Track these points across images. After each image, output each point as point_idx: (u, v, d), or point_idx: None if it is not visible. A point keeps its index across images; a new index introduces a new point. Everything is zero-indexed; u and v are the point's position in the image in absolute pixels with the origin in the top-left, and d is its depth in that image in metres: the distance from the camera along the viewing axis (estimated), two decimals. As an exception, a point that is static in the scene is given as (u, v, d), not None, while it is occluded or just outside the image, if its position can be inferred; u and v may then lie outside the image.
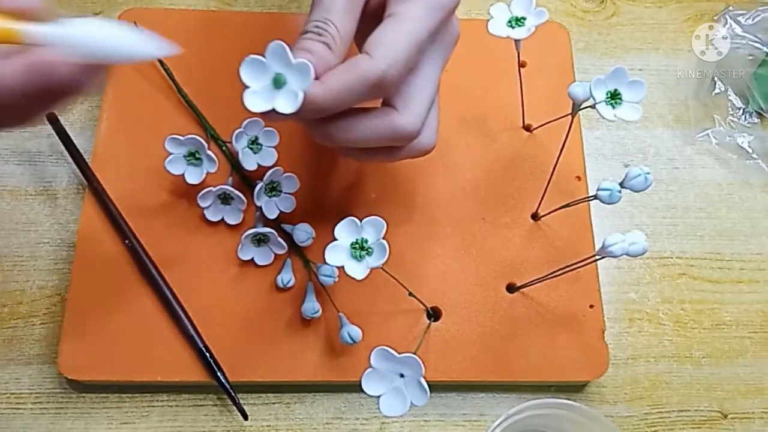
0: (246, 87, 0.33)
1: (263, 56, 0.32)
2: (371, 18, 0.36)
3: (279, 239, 0.44)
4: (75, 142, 0.48)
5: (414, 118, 0.36)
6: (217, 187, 0.45)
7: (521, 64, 0.46)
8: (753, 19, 0.54)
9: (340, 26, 0.34)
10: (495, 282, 0.46)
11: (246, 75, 0.33)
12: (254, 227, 0.44)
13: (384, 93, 0.35)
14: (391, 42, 0.34)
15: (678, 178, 0.53)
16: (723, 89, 0.54)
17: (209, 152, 0.44)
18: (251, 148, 0.46)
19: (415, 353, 0.33)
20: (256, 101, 0.32)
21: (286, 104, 0.32)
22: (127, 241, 0.45)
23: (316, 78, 0.33)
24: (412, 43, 0.34)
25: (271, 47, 0.32)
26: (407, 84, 0.36)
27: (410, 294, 0.42)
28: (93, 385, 0.44)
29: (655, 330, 0.48)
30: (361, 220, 0.34)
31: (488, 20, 0.42)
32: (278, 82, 0.32)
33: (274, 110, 0.32)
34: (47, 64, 0.27)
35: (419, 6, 0.35)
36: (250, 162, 0.45)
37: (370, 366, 0.34)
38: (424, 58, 0.36)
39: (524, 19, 0.41)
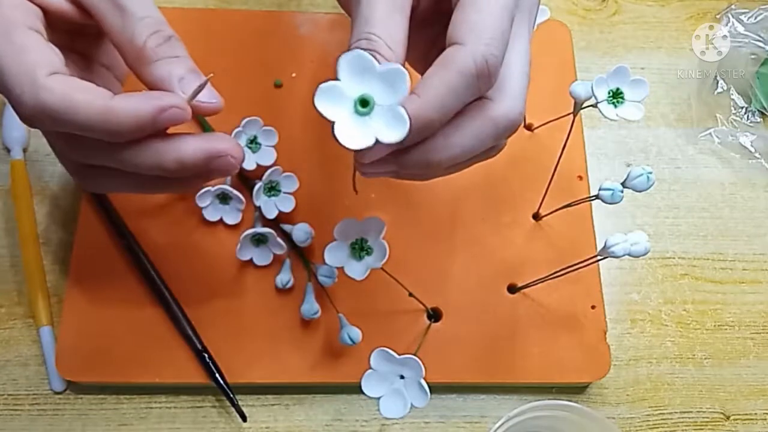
0: (332, 123, 0.26)
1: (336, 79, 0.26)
2: (426, 22, 0.32)
3: (278, 239, 0.44)
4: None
5: (514, 101, 0.30)
6: (216, 187, 0.45)
7: (522, 63, 0.46)
8: (755, 18, 0.54)
9: (386, 37, 0.28)
10: (496, 282, 0.46)
11: (324, 106, 0.26)
12: (253, 227, 0.44)
13: (490, 83, 0.28)
14: (479, 21, 0.28)
15: (680, 177, 0.53)
16: (725, 88, 0.54)
17: (208, 152, 0.44)
18: (250, 148, 0.45)
19: (415, 354, 0.33)
20: (353, 137, 0.26)
21: (391, 129, 0.26)
22: (124, 242, 0.45)
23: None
24: (502, 15, 0.28)
25: (393, 69, 0.26)
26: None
27: (410, 294, 0.42)
28: (91, 386, 0.44)
29: (658, 331, 0.48)
30: (361, 221, 0.33)
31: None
32: (365, 104, 0.26)
33: (377, 142, 0.26)
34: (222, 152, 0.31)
35: None
36: (248, 161, 0.45)
37: (370, 367, 0.34)
38: (513, 28, 0.30)
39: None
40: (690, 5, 0.58)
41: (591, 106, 0.39)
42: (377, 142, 0.26)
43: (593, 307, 0.46)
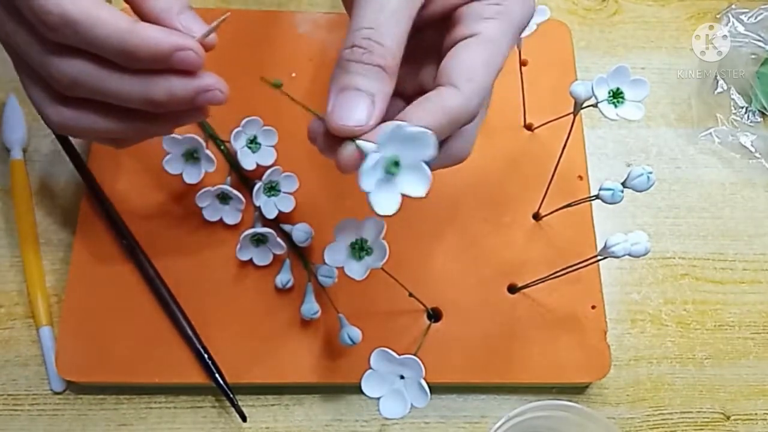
0: (368, 193, 0.27)
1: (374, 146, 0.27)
2: (428, 26, 0.33)
3: (278, 239, 0.44)
4: (72, 141, 0.48)
5: (470, 142, 0.34)
6: (216, 187, 0.45)
7: (522, 63, 0.46)
8: (755, 18, 0.54)
9: (395, 35, 0.29)
10: (496, 282, 0.46)
11: (383, 139, 0.27)
12: (253, 227, 0.44)
13: (466, 124, 0.31)
14: (481, 71, 0.30)
15: (680, 177, 0.52)
16: (725, 88, 0.54)
17: (207, 151, 0.44)
18: (250, 148, 0.45)
19: (415, 354, 0.33)
20: (385, 202, 0.28)
21: (385, 203, 0.28)
22: (124, 242, 0.45)
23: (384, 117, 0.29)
24: (495, 69, 0.31)
25: (421, 134, 0.27)
26: None
27: (410, 294, 0.41)
28: (90, 386, 0.44)
29: (658, 331, 0.48)
30: (361, 221, 0.33)
31: (489, 18, 0.41)
32: (396, 167, 0.27)
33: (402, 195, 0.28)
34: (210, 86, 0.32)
35: (506, 25, 0.31)
36: (248, 161, 0.45)
37: (370, 367, 0.34)
38: None
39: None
40: (690, 5, 0.58)
41: (591, 105, 0.39)
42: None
43: (593, 307, 0.46)
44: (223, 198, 0.45)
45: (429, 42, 0.33)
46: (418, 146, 0.27)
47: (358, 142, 0.28)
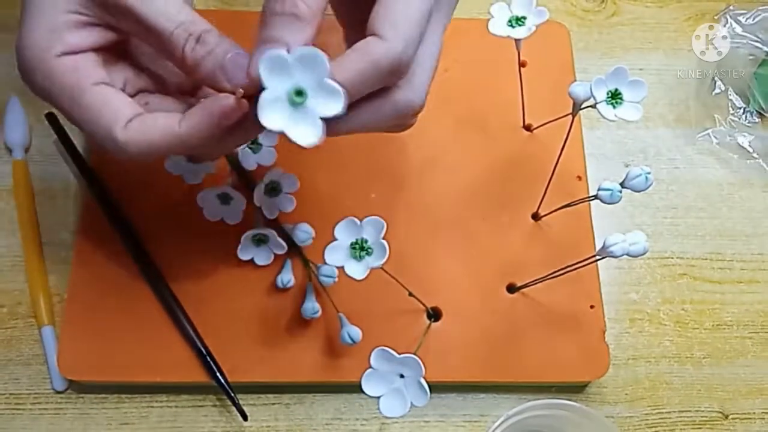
0: (262, 89, 0.27)
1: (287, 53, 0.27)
2: None
3: (278, 239, 0.44)
4: (74, 141, 0.48)
5: (417, 92, 0.32)
6: (217, 187, 0.45)
7: (521, 64, 0.46)
8: (753, 19, 0.54)
9: None
10: (495, 282, 0.46)
11: (266, 74, 0.27)
12: (254, 227, 0.44)
13: (399, 77, 0.31)
14: (401, 19, 0.30)
15: (679, 177, 0.53)
16: (723, 89, 0.54)
17: (209, 152, 0.44)
18: (251, 148, 0.45)
19: (415, 353, 0.33)
20: (272, 115, 0.27)
21: (304, 133, 0.27)
22: (126, 242, 0.45)
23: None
24: (421, 16, 0.30)
25: (307, 53, 0.27)
26: None
27: (410, 294, 0.42)
28: (92, 385, 0.44)
29: (656, 330, 0.48)
30: (361, 220, 0.34)
31: (488, 20, 0.41)
32: (300, 96, 0.27)
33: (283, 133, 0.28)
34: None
35: None
36: (249, 162, 0.45)
37: (370, 366, 0.34)
38: (428, 24, 0.32)
39: (524, 18, 0.41)
40: (688, 6, 0.59)
41: (590, 106, 0.39)
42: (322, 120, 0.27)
43: (592, 307, 0.46)
44: (224, 198, 0.46)
45: None
46: (313, 66, 0.27)
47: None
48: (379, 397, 0.34)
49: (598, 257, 0.38)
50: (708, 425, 0.46)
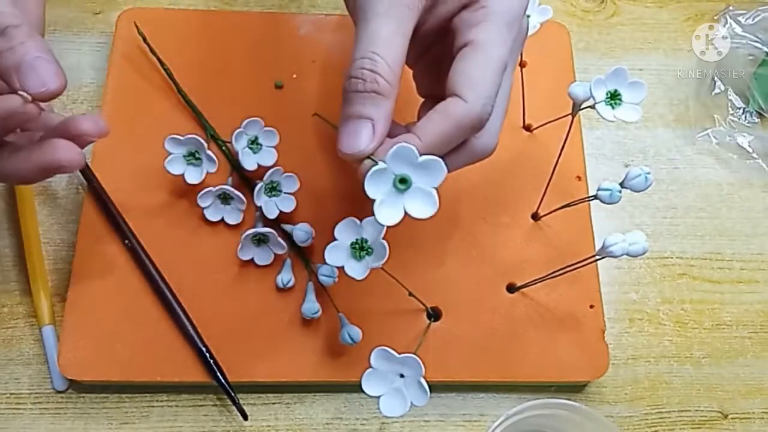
0: (372, 201, 0.30)
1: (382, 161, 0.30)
2: (427, 39, 0.35)
3: (279, 239, 0.44)
4: (75, 142, 0.48)
5: (491, 138, 0.35)
6: (217, 187, 0.45)
7: (522, 64, 0.46)
8: (753, 19, 0.54)
9: (387, 57, 0.31)
10: (495, 282, 0.46)
11: (371, 188, 0.30)
12: (254, 227, 0.44)
13: (477, 131, 0.33)
14: (480, 78, 0.32)
15: (678, 178, 0.53)
16: (723, 89, 0.54)
17: (209, 152, 0.44)
18: (251, 148, 0.46)
19: (415, 353, 0.33)
20: (388, 214, 0.30)
21: (421, 207, 0.30)
22: (126, 241, 0.45)
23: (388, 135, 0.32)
24: (498, 72, 0.32)
25: (396, 151, 0.29)
26: None
27: (410, 294, 0.42)
28: (93, 385, 0.44)
29: (656, 330, 0.48)
30: (361, 220, 0.34)
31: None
32: (405, 183, 0.30)
33: (406, 214, 0.30)
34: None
35: (496, 25, 0.32)
36: (249, 162, 0.45)
37: (370, 366, 0.34)
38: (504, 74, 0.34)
39: (528, 16, 0.41)
40: (688, 6, 0.59)
41: (589, 107, 0.39)
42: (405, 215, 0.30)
43: (592, 307, 0.46)
44: (225, 198, 0.46)
45: (442, 54, 0.35)
46: (429, 173, 0.30)
47: (373, 158, 0.31)
48: (379, 397, 0.34)
49: (597, 257, 0.38)
50: (707, 425, 0.46)
